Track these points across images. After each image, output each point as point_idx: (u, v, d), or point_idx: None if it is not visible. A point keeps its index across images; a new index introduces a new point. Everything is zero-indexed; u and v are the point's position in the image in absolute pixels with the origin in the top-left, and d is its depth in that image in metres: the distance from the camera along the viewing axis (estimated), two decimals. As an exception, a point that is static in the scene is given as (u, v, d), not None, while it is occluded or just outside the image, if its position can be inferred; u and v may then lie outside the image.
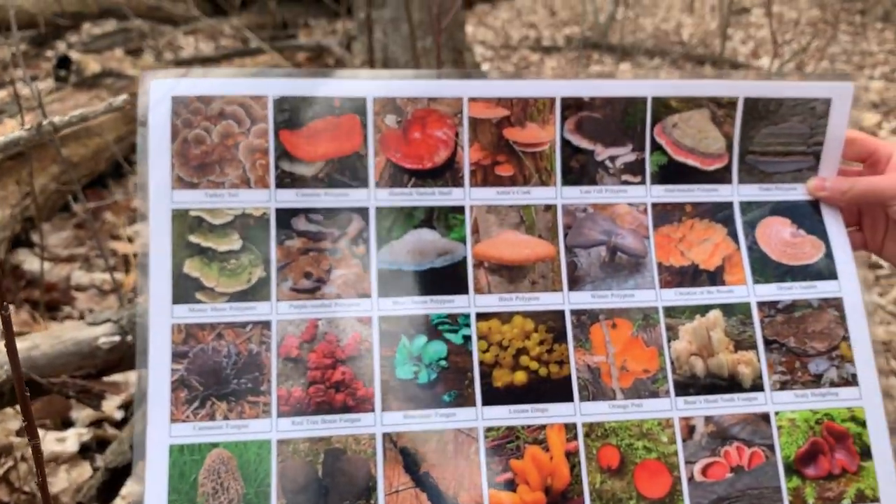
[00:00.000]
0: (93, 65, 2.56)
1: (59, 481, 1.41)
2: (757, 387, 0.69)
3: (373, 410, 0.65)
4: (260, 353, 0.65)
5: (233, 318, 0.65)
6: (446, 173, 0.70)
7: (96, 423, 1.58)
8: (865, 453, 0.69)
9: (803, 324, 0.71)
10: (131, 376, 1.64)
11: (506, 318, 0.69)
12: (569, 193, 0.71)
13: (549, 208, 0.71)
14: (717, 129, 0.74)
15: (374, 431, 0.65)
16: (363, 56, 3.26)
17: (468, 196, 0.70)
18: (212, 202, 0.66)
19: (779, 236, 0.73)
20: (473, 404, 0.66)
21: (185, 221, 0.66)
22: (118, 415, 1.55)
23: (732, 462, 0.67)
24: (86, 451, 1.49)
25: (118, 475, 1.14)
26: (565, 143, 0.72)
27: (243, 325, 0.65)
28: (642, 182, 0.72)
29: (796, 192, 0.75)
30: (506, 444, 0.66)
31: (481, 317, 0.68)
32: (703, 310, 0.71)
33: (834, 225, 0.74)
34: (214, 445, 0.63)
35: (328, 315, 0.66)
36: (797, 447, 0.69)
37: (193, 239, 0.65)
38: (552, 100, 0.71)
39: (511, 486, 0.65)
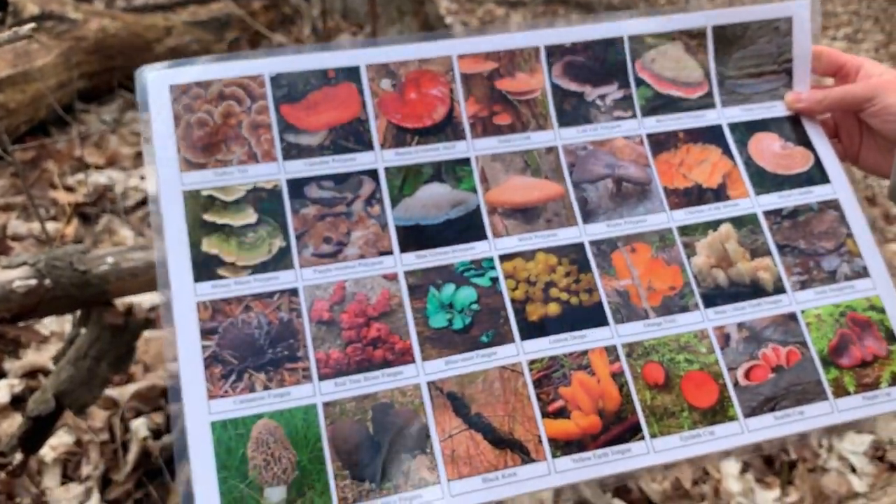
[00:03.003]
0: (31, 6, 2.45)
1: (-11, 432, 1.37)
2: (779, 289, 0.73)
3: (413, 361, 0.66)
4: (291, 320, 0.65)
5: (258, 290, 0.66)
6: (447, 128, 0.73)
7: (30, 375, 1.54)
8: (891, 338, 0.73)
9: (808, 226, 0.76)
10: (50, 324, 1.60)
11: (528, 256, 0.71)
12: (567, 134, 0.75)
13: (551, 150, 0.75)
14: (692, 58, 0.79)
15: (418, 381, 0.65)
16: (320, 6, 3.17)
17: (472, 147, 0.73)
18: (222, 180, 0.67)
19: (770, 150, 0.78)
20: (512, 340, 0.68)
21: (197, 201, 0.67)
22: (52, 366, 1.50)
23: (772, 362, 0.71)
24: (18, 402, 1.45)
25: (42, 424, 1.10)
26: (555, 88, 0.76)
27: (270, 294, 0.66)
28: (633, 116, 0.77)
29: (777, 109, 0.80)
30: (551, 373, 0.67)
31: (504, 258, 0.70)
32: (714, 225, 0.75)
33: (816, 135, 0.79)
34: (258, 417, 0.62)
35: (354, 275, 0.67)
36: (828, 340, 0.72)
37: (208, 217, 0.66)
38: (536, 49, 0.76)
39: (564, 413, 0.66)
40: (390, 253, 0.69)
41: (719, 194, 0.76)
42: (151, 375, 1.54)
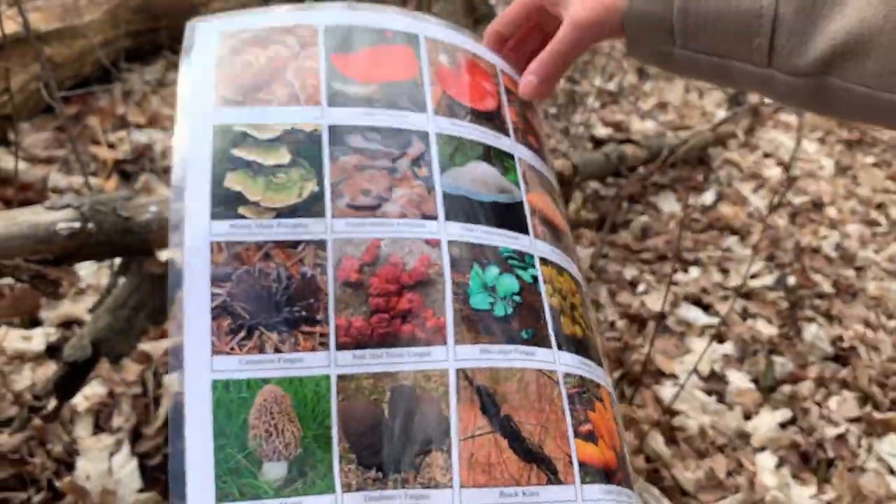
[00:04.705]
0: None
1: (23, 379, 1.38)
2: None
3: (445, 343, 0.57)
4: (315, 277, 0.57)
5: (282, 236, 0.57)
6: (496, 119, 0.68)
7: (65, 325, 1.54)
8: None
9: None
10: (87, 276, 1.59)
11: (559, 270, 0.64)
12: None
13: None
14: None
15: (446, 367, 0.57)
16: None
17: (515, 148, 0.68)
18: (259, 117, 0.61)
19: None
20: (550, 346, 0.59)
21: (227, 136, 0.59)
22: (88, 317, 1.50)
23: None
24: (53, 352, 1.45)
25: (77, 370, 1.10)
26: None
27: (294, 244, 0.57)
28: None
29: None
30: (581, 393, 0.59)
31: (542, 262, 0.64)
32: None
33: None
34: (265, 381, 0.54)
35: (392, 234, 0.59)
36: None
37: (237, 153, 0.59)
38: None
39: (593, 438, 0.58)
40: (434, 218, 0.60)
41: None
42: (185, 332, 1.53)
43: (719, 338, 1.91)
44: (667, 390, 1.67)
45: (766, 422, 1.64)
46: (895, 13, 0.52)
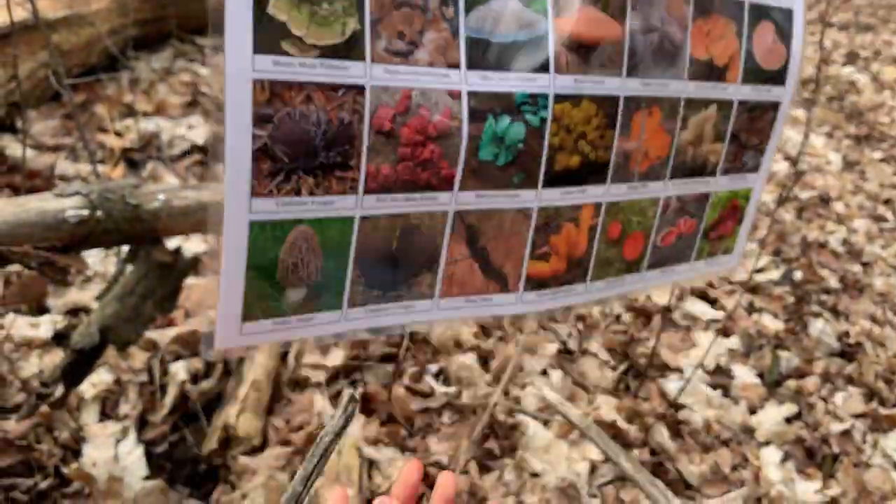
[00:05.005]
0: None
1: (30, 366, 1.38)
2: (713, 172, 0.82)
3: (451, 189, 0.65)
4: (352, 124, 0.58)
5: (325, 78, 0.56)
6: None
7: (73, 312, 1.54)
8: (740, 220, 0.87)
9: (753, 122, 0.82)
10: (95, 264, 1.59)
11: (576, 101, 0.69)
12: None
13: None
14: None
15: (447, 209, 0.66)
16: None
17: None
18: None
19: (765, 41, 0.80)
20: (535, 187, 0.69)
21: None
22: (95, 305, 1.50)
23: (680, 230, 0.82)
24: (60, 339, 1.45)
25: (85, 358, 1.10)
26: None
27: (335, 88, 0.57)
28: None
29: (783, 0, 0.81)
30: (551, 222, 0.72)
31: (558, 98, 0.68)
32: (707, 104, 0.78)
33: (798, 34, 0.82)
34: (298, 222, 0.59)
35: (421, 85, 0.62)
36: (714, 217, 0.84)
37: None
38: None
39: (545, 257, 0.73)
40: (457, 67, 0.63)
41: (721, 74, 0.78)
42: (193, 321, 1.53)
43: (725, 332, 1.91)
44: (672, 384, 1.67)
45: (772, 416, 1.64)
46: None
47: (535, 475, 1.37)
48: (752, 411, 1.67)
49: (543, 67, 0.66)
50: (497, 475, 1.35)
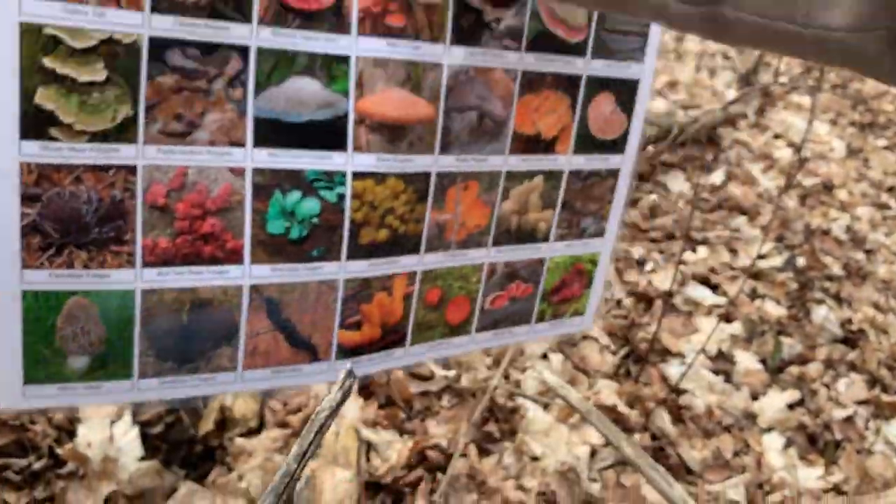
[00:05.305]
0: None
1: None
2: (545, 238, 0.82)
3: (241, 263, 0.65)
4: (124, 201, 0.60)
5: (94, 161, 0.59)
6: (333, 17, 0.65)
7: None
8: (588, 284, 0.88)
9: (590, 189, 0.82)
10: None
11: (380, 178, 0.69)
12: (456, 53, 0.70)
13: (436, 67, 0.70)
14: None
15: (241, 283, 0.66)
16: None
17: (354, 46, 0.66)
18: (73, 19, 0.55)
19: (603, 112, 0.79)
20: (339, 259, 0.69)
21: (37, 40, 0.55)
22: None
23: (512, 294, 0.83)
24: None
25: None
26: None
27: (105, 168, 0.59)
28: (519, 48, 0.73)
29: (630, 70, 0.80)
30: (360, 292, 0.72)
31: (357, 176, 0.68)
32: (532, 175, 0.78)
33: (642, 104, 0.82)
34: (73, 293, 0.60)
35: (198, 163, 0.62)
36: (554, 282, 0.85)
37: (48, 63, 0.56)
38: None
39: (357, 326, 0.73)
40: (242, 145, 0.63)
41: (549, 147, 0.78)
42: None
43: (727, 318, 1.89)
44: (673, 369, 1.66)
45: (774, 402, 1.62)
46: None
47: (534, 459, 1.35)
48: (755, 397, 1.65)
49: (340, 146, 0.67)
50: (496, 458, 1.33)
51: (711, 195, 2.51)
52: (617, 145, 0.82)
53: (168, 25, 0.59)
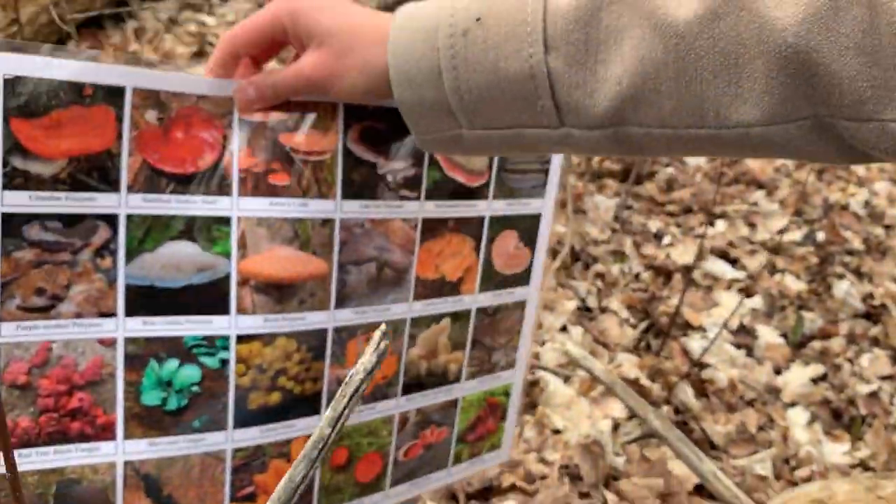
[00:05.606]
0: None
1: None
2: (457, 379, 0.76)
3: (114, 439, 0.59)
4: None
5: None
6: (211, 180, 0.60)
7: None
8: (503, 416, 0.82)
9: (499, 323, 0.78)
10: None
11: (268, 340, 0.63)
12: (349, 207, 0.66)
13: (327, 223, 0.64)
14: None
15: (114, 460, 0.59)
16: None
17: (236, 206, 0.61)
18: None
19: (506, 249, 0.77)
20: (224, 428, 0.63)
21: None
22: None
23: (427, 441, 0.76)
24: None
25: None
26: (348, 154, 0.64)
27: None
28: (418, 197, 0.69)
29: (531, 207, 0.77)
30: (252, 461, 0.65)
31: (242, 339, 0.62)
32: (438, 318, 0.74)
33: (543, 236, 0.79)
34: None
35: (64, 337, 0.56)
36: (468, 421, 0.79)
37: None
38: (334, 105, 0.63)
39: (252, 498, 0.66)
40: (113, 315, 0.57)
41: (454, 288, 0.74)
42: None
43: (747, 292, 1.86)
44: (694, 342, 1.63)
45: (797, 377, 1.59)
46: (673, 42, 0.46)
47: (556, 432, 1.33)
48: (777, 371, 1.62)
49: (222, 309, 0.61)
50: (517, 431, 1.30)
51: (729, 169, 2.47)
52: (522, 278, 0.79)
53: (24, 201, 0.54)
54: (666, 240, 2.04)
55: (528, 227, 0.78)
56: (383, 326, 0.62)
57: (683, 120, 0.48)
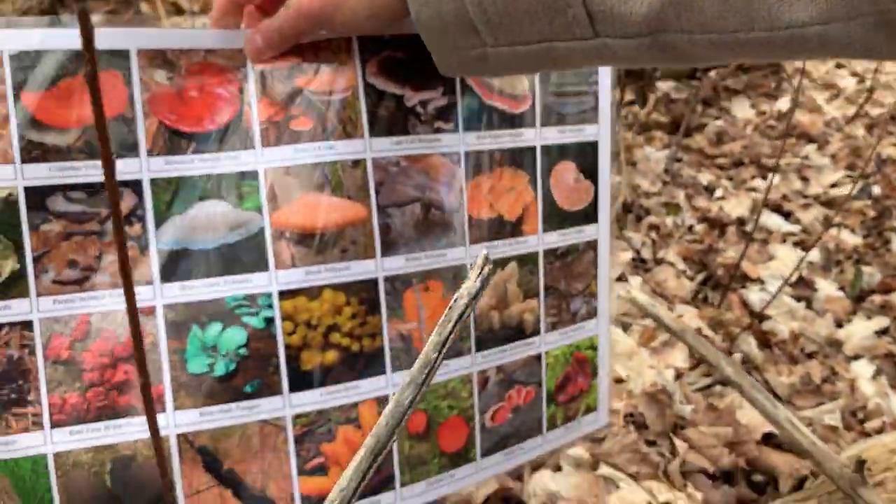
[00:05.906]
0: None
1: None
2: (535, 332, 0.71)
3: (164, 411, 0.57)
4: (23, 358, 0.54)
5: None
6: (233, 136, 0.58)
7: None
8: (594, 373, 0.76)
9: (571, 267, 0.73)
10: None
11: (314, 293, 0.60)
12: (378, 146, 0.62)
13: (358, 164, 0.61)
14: None
15: (166, 433, 0.57)
16: None
17: (261, 158, 0.58)
18: None
19: (566, 182, 0.71)
20: (280, 392, 0.60)
21: None
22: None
23: (514, 403, 0.70)
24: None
25: None
26: (369, 88, 0.61)
27: None
28: (455, 129, 0.64)
29: (584, 133, 0.71)
30: (316, 429, 0.61)
31: (285, 295, 0.59)
32: (504, 263, 0.68)
33: (604, 165, 0.73)
34: None
35: (102, 308, 0.55)
36: (556, 379, 0.73)
37: None
38: (347, 40, 0.60)
39: (322, 470, 0.62)
40: (150, 283, 0.56)
41: (514, 229, 0.69)
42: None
43: (804, 246, 1.82)
44: (753, 294, 1.60)
45: (860, 330, 1.56)
46: None
47: (619, 381, 1.31)
48: (839, 324, 1.59)
49: (261, 266, 0.58)
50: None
51: (778, 122, 2.41)
52: (588, 215, 0.73)
53: (44, 173, 0.53)
54: (718, 193, 2.00)
55: (585, 157, 0.72)
56: (485, 252, 0.59)
57: (730, 23, 0.44)
